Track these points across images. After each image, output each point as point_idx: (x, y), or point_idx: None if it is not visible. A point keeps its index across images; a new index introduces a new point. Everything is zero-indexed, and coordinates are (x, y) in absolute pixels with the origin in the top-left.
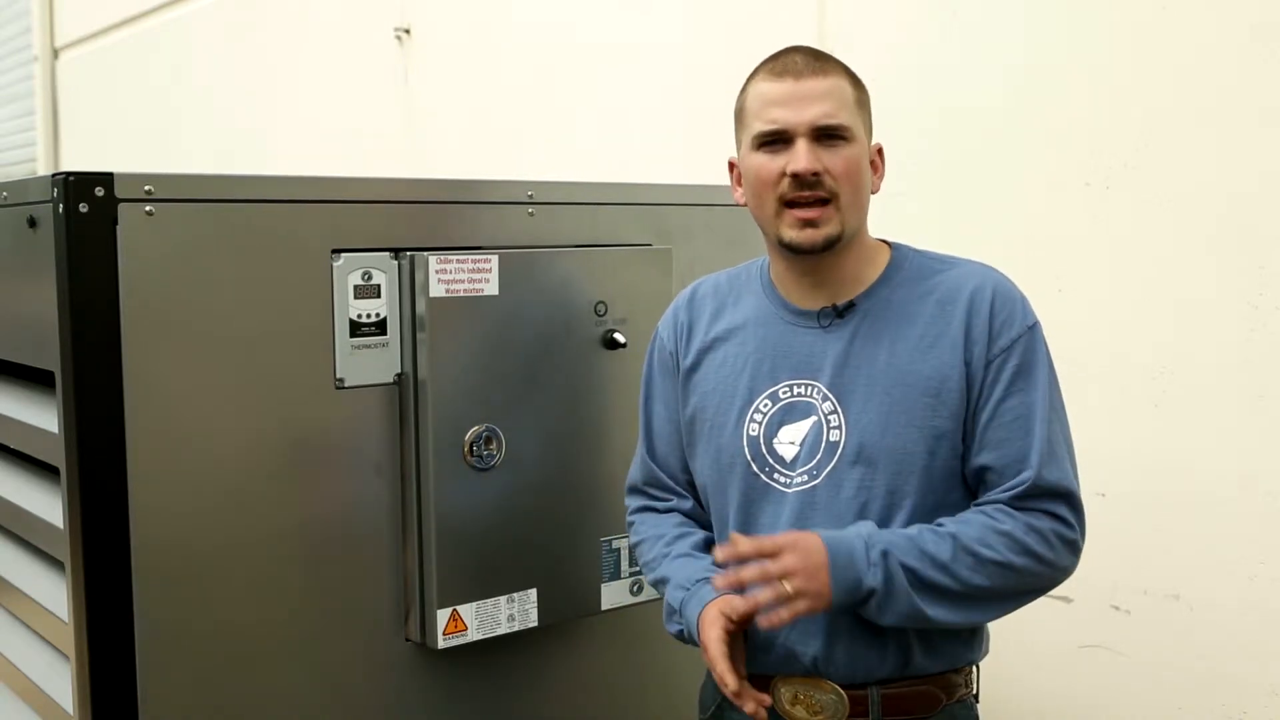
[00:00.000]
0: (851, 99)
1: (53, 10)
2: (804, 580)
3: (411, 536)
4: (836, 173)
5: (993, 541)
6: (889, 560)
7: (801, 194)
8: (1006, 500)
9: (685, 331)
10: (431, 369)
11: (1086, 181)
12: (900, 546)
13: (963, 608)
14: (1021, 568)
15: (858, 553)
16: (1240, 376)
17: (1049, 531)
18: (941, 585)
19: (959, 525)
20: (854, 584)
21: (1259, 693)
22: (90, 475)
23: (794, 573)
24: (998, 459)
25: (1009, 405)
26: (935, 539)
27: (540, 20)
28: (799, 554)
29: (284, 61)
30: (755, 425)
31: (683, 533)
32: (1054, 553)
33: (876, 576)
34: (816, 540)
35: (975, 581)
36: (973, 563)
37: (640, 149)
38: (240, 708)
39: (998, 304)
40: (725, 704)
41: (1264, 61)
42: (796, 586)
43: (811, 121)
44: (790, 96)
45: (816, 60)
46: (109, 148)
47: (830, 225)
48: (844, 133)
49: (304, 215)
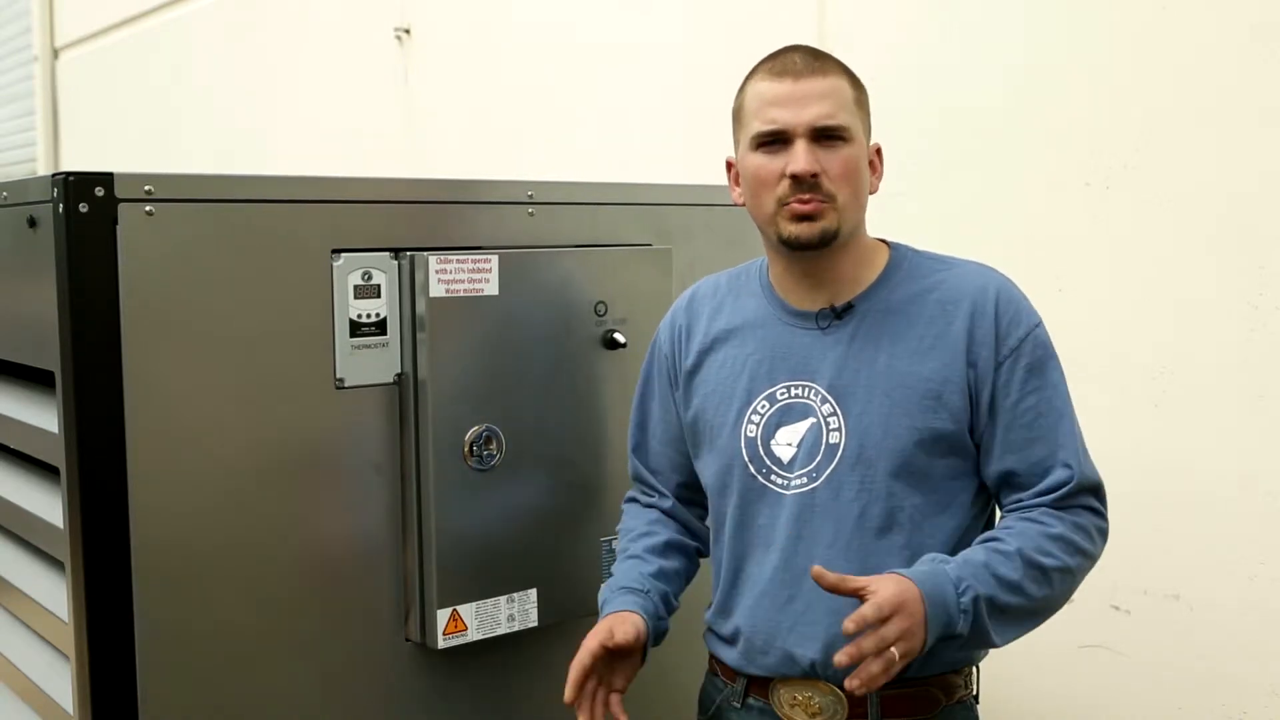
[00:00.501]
0: (851, 99)
1: (53, 10)
2: (908, 644)
3: (411, 536)
4: (835, 174)
5: (1050, 549)
6: (978, 605)
7: (800, 195)
8: (1050, 503)
9: (684, 335)
10: (431, 369)
11: (1086, 181)
12: (980, 579)
13: (1030, 623)
14: (1076, 569)
15: (950, 601)
16: (1240, 376)
17: (1090, 526)
18: (1015, 607)
19: (1018, 539)
20: (946, 632)
21: (1259, 693)
22: (90, 475)
23: (902, 637)
24: (1022, 460)
25: (1027, 405)
26: (1003, 560)
27: (540, 20)
28: (906, 615)
29: (284, 61)
30: (753, 427)
31: (648, 531)
32: (1095, 546)
33: (966, 623)
34: (917, 594)
35: (1041, 594)
36: (1038, 575)
37: (640, 149)
38: (240, 708)
39: (1002, 305)
40: (725, 704)
41: (1264, 61)
42: (902, 651)
43: (810, 122)
44: (789, 97)
45: (816, 60)
46: (109, 148)
47: (827, 219)
48: (843, 133)
49: (304, 215)
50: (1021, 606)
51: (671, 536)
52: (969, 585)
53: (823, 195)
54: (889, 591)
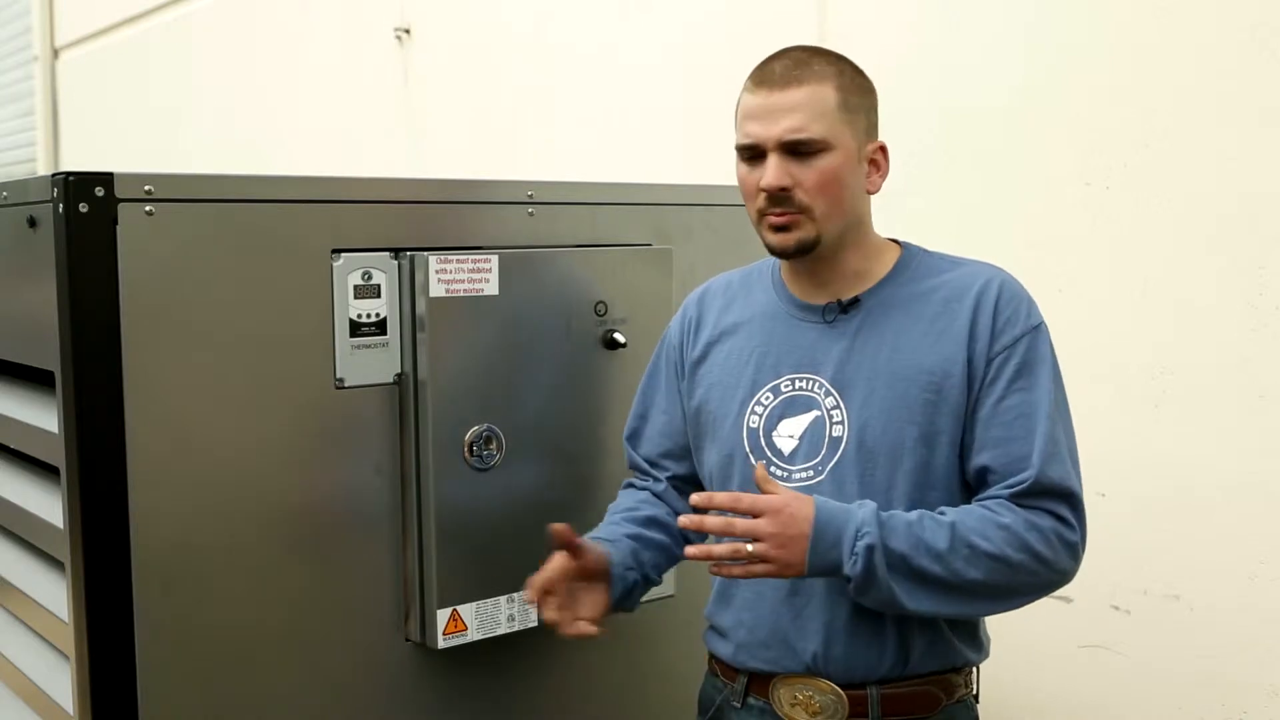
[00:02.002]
0: (832, 106)
1: (53, 10)
2: (773, 547)
3: (411, 536)
4: (808, 185)
5: (991, 534)
6: (872, 555)
7: (774, 209)
8: (1008, 497)
9: (694, 327)
10: (431, 369)
11: (1086, 181)
12: (898, 532)
13: (951, 600)
14: (1018, 564)
15: (845, 538)
16: (1240, 376)
17: (1049, 530)
18: (933, 575)
19: (960, 515)
20: (831, 567)
21: (1259, 693)
22: (90, 475)
23: (764, 537)
24: (997, 458)
25: (1010, 404)
26: (935, 526)
27: (540, 20)
28: (778, 522)
29: (284, 61)
30: (755, 418)
31: (633, 506)
32: (1053, 553)
33: (855, 567)
34: (807, 512)
35: (969, 574)
36: (969, 554)
37: (640, 149)
38: (240, 708)
39: (1003, 301)
40: (725, 704)
41: (1264, 61)
42: (761, 551)
43: (778, 137)
44: (762, 110)
45: (796, 68)
46: (109, 148)
47: (802, 230)
48: (814, 146)
49: (304, 215)
50: (940, 578)
51: (655, 513)
52: (869, 533)
53: (795, 208)
54: (776, 496)
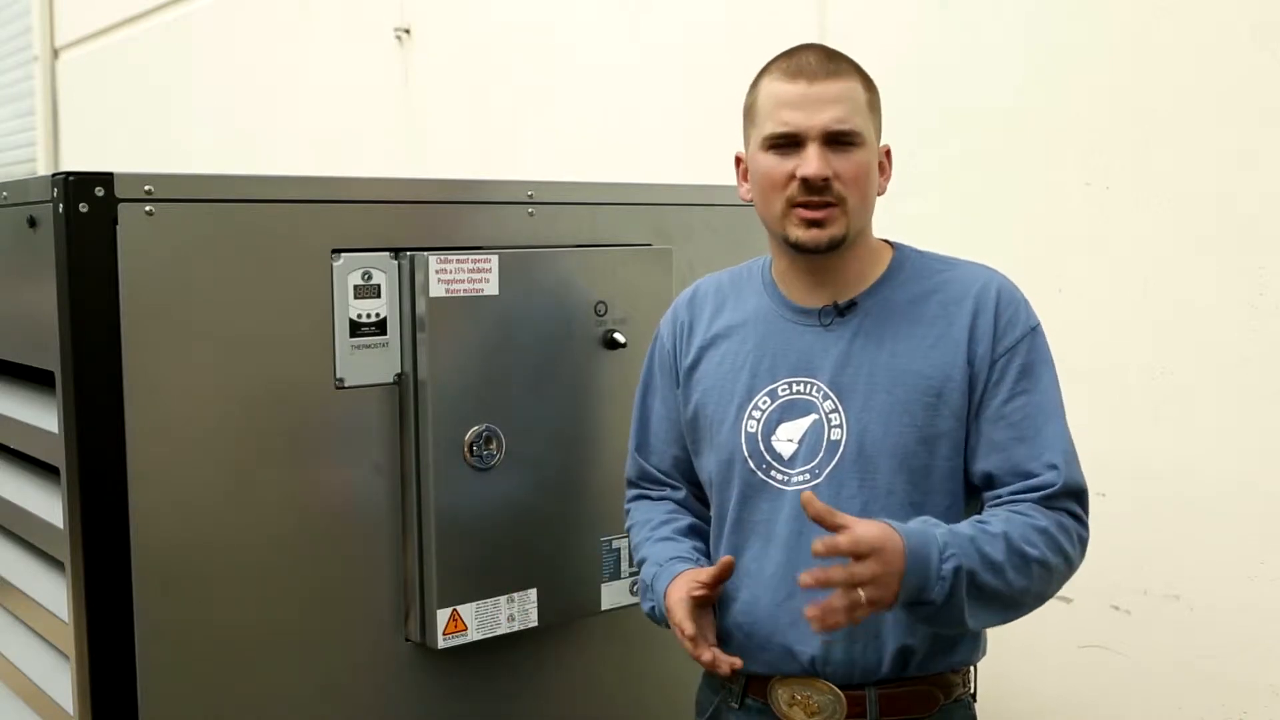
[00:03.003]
0: (864, 102)
1: (53, 10)
2: (877, 590)
3: (412, 536)
4: (846, 178)
5: (1035, 540)
6: (959, 576)
7: (810, 198)
8: (1037, 500)
9: (685, 330)
10: (431, 369)
11: (1086, 181)
12: (965, 551)
13: (1001, 611)
14: (1054, 567)
15: (932, 564)
16: (1240, 377)
17: (1073, 530)
18: (992, 589)
19: (1004, 524)
20: (918, 595)
21: (1259, 693)
22: (90, 475)
23: (875, 581)
24: (1005, 460)
25: (1015, 406)
26: (990, 539)
27: (540, 20)
28: (882, 560)
29: (284, 61)
30: (754, 422)
31: (670, 518)
32: (1075, 551)
33: (942, 591)
34: (899, 544)
35: (1019, 583)
36: (1019, 563)
37: (640, 149)
38: (240, 708)
39: (1002, 304)
40: (723, 705)
41: (1264, 61)
42: (870, 596)
43: (824, 126)
44: (803, 99)
45: (830, 61)
46: (109, 148)
47: (836, 226)
48: (855, 138)
49: (304, 215)
50: (998, 591)
51: (694, 521)
52: (954, 554)
53: (833, 198)
54: (871, 532)
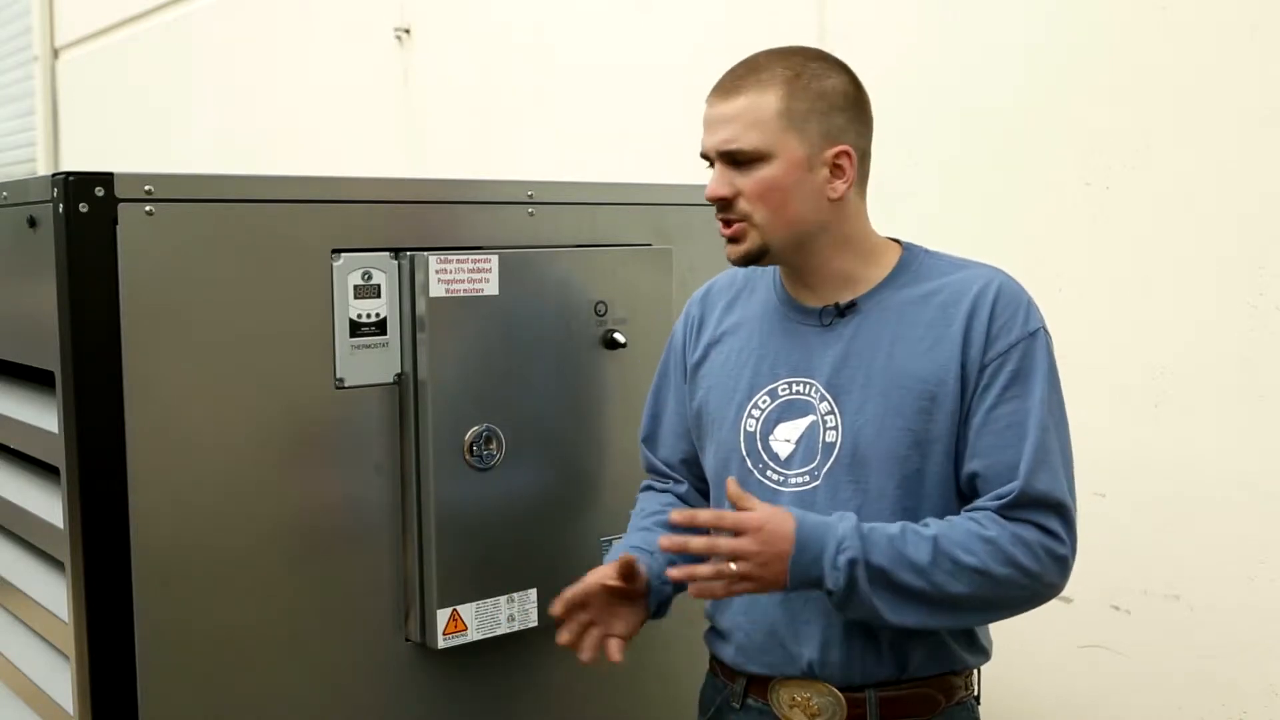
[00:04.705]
0: (772, 114)
1: (53, 10)
2: (755, 566)
3: (411, 536)
4: (749, 194)
5: (975, 548)
6: (854, 569)
7: (719, 217)
8: (995, 509)
9: (696, 327)
10: (431, 369)
11: (1086, 181)
12: (879, 546)
13: (934, 613)
14: (1002, 578)
15: (827, 553)
16: (1240, 376)
17: (1036, 544)
18: (914, 588)
19: (943, 527)
20: (812, 582)
21: (1259, 693)
22: (90, 475)
23: (747, 556)
24: (987, 467)
25: (1002, 412)
26: (917, 540)
27: (540, 20)
28: (760, 540)
29: (284, 61)
30: (753, 421)
31: (660, 510)
32: (1040, 566)
33: (837, 581)
34: (788, 529)
35: (952, 588)
36: (952, 568)
37: (640, 149)
38: (240, 708)
39: (999, 307)
40: (724, 705)
41: (1264, 61)
42: (744, 570)
43: (715, 148)
44: (709, 120)
45: (740, 78)
46: (109, 148)
47: (747, 242)
48: (749, 156)
49: (304, 215)
50: (922, 592)
51: None
52: (850, 546)
53: (737, 216)
54: (756, 514)
